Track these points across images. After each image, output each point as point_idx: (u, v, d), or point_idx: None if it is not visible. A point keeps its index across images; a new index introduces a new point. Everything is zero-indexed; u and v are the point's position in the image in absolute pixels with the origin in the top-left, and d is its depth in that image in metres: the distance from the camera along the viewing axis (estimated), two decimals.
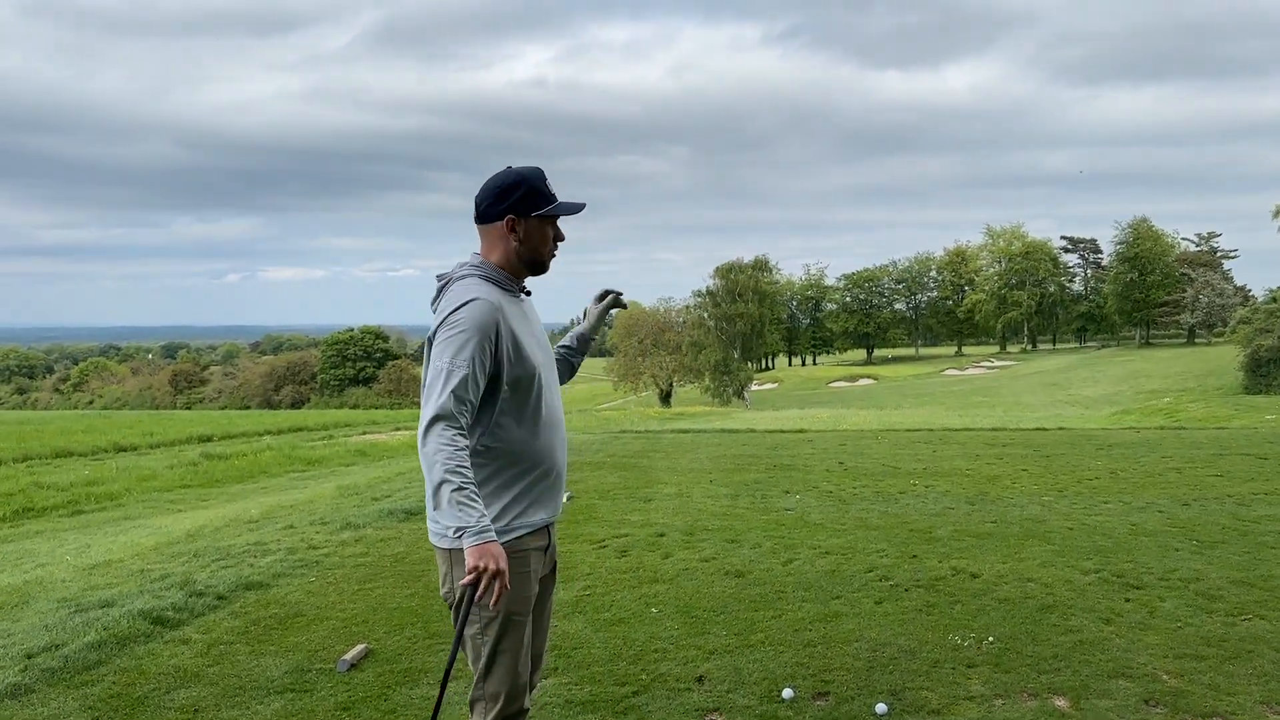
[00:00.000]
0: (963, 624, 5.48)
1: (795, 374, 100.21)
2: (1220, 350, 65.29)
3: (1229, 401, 33.05)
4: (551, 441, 2.94)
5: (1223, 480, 10.39)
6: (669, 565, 6.89)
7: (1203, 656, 4.87)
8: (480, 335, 2.70)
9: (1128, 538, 7.60)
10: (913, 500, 9.47)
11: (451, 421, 2.62)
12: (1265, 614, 5.55)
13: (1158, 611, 5.65)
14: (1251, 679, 4.57)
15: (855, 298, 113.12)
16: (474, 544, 2.53)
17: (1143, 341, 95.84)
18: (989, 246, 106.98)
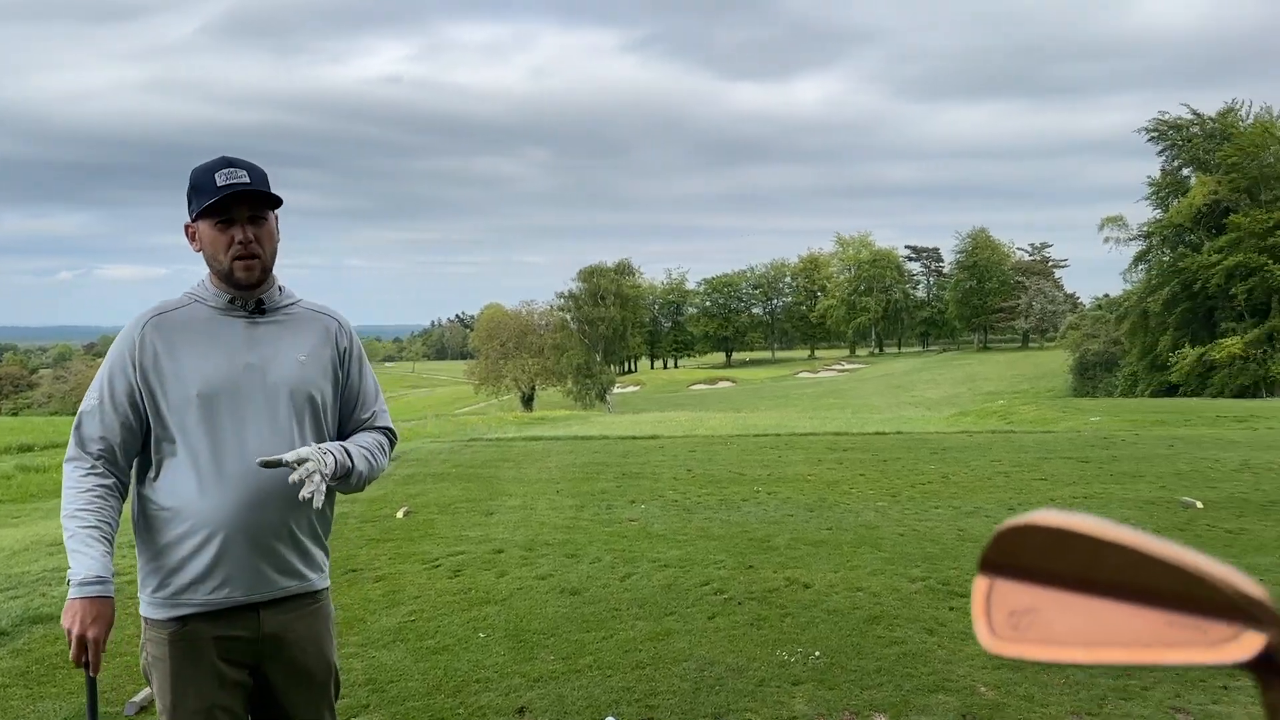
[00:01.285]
0: (792, 638, 5.47)
1: (657, 376, 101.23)
2: (1051, 354, 69.06)
3: (1058, 404, 34.92)
4: (229, 499, 2.30)
5: (1047, 484, 10.85)
6: (503, 584, 6.68)
7: (1019, 667, 4.97)
8: (112, 363, 2.36)
9: (955, 544, 7.80)
10: (755, 508, 9.53)
11: (80, 461, 2.32)
12: None
13: None
14: (1064, 689, 4.68)
15: (715, 302, 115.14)
16: (70, 598, 2.19)
17: (981, 346, 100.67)
18: (840, 254, 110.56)
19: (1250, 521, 8.59)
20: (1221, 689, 4.57)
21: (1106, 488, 10.61)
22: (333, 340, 2.53)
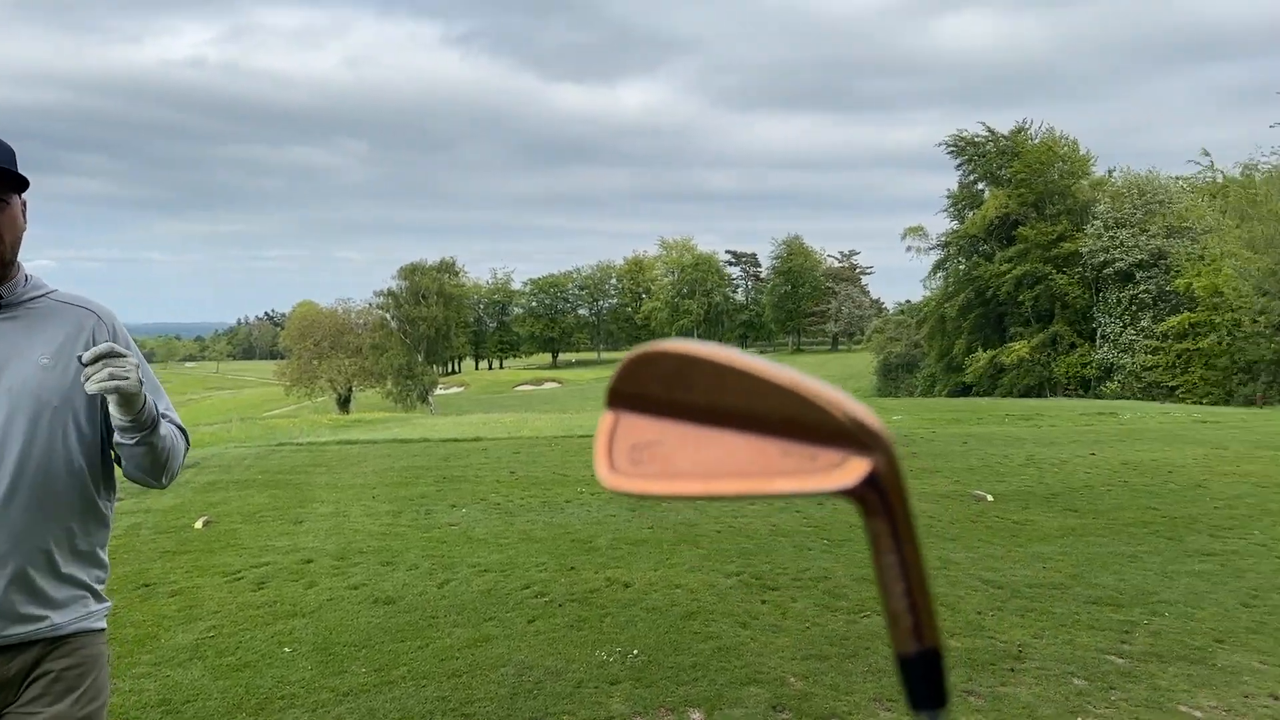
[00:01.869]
0: (611, 638, 5.49)
1: (482, 377, 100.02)
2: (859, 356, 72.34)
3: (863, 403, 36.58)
4: None
5: None
6: (312, 596, 6.42)
7: (826, 656, 5.16)
8: None
9: (768, 539, 8.03)
10: (578, 509, 9.53)
11: None
12: (880, 610, 5.98)
13: (790, 612, 5.96)
14: (866, 675, 4.88)
15: (541, 303, 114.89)
16: None
17: (795, 348, 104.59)
18: (663, 257, 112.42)
19: (1035, 512, 9.22)
20: (1009, 671, 4.87)
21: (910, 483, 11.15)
22: (88, 337, 2.19)
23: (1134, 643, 5.28)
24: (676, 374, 0.65)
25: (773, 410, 0.62)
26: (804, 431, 0.62)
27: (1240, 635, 5.39)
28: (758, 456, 0.63)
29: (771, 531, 8.31)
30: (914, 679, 0.62)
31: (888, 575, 0.62)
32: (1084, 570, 6.86)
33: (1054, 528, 8.48)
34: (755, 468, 0.63)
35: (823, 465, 0.62)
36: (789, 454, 0.63)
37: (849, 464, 0.62)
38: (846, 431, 0.61)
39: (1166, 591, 6.28)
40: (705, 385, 0.64)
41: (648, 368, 0.66)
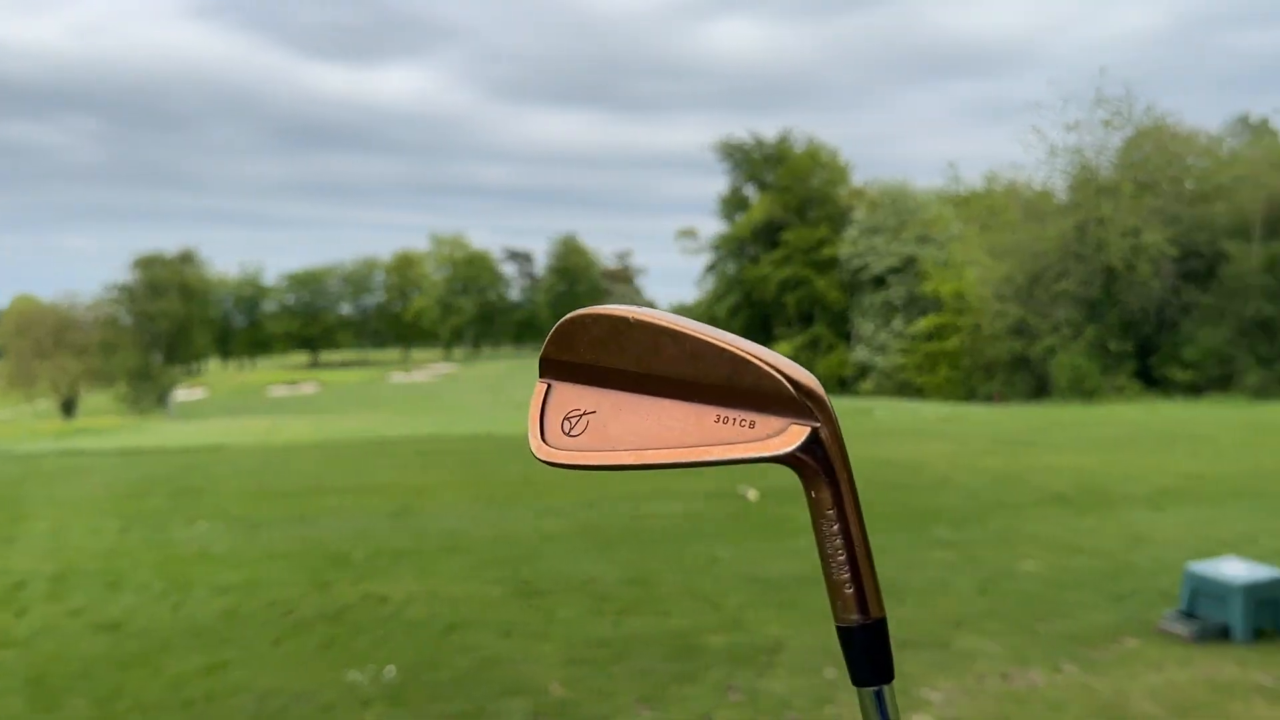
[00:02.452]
0: (365, 656, 5.19)
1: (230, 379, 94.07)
2: None
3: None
4: None
5: (623, 480, 11.36)
6: (23, 624, 5.74)
7: (591, 661, 5.07)
8: None
9: (537, 544, 7.90)
10: (333, 520, 9.06)
11: None
12: (645, 611, 5.99)
13: (556, 618, 5.84)
14: (631, 678, 4.82)
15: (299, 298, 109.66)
16: None
17: None
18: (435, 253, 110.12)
19: (794, 508, 9.54)
20: (767, 664, 4.94)
21: (678, 481, 11.32)
22: None
23: None
24: (609, 338, 0.62)
25: (709, 375, 0.59)
26: (742, 397, 0.59)
27: (976, 620, 5.71)
28: (694, 424, 0.61)
29: (541, 537, 8.19)
30: (857, 652, 0.60)
31: (829, 544, 0.60)
32: None
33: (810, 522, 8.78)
34: (692, 436, 0.60)
35: (761, 432, 0.59)
36: (726, 420, 0.60)
37: (790, 430, 0.59)
38: (787, 397, 0.58)
39: (912, 581, 6.60)
40: (639, 350, 0.61)
41: (580, 333, 0.63)
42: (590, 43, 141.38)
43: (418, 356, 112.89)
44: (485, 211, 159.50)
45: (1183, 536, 7.75)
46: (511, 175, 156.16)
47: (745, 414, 0.60)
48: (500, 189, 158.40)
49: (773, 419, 0.59)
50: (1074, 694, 4.49)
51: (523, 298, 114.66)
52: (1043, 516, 8.85)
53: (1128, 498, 9.64)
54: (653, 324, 0.60)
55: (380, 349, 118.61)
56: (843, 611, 0.60)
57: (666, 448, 0.61)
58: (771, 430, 0.59)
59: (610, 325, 0.62)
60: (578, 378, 0.64)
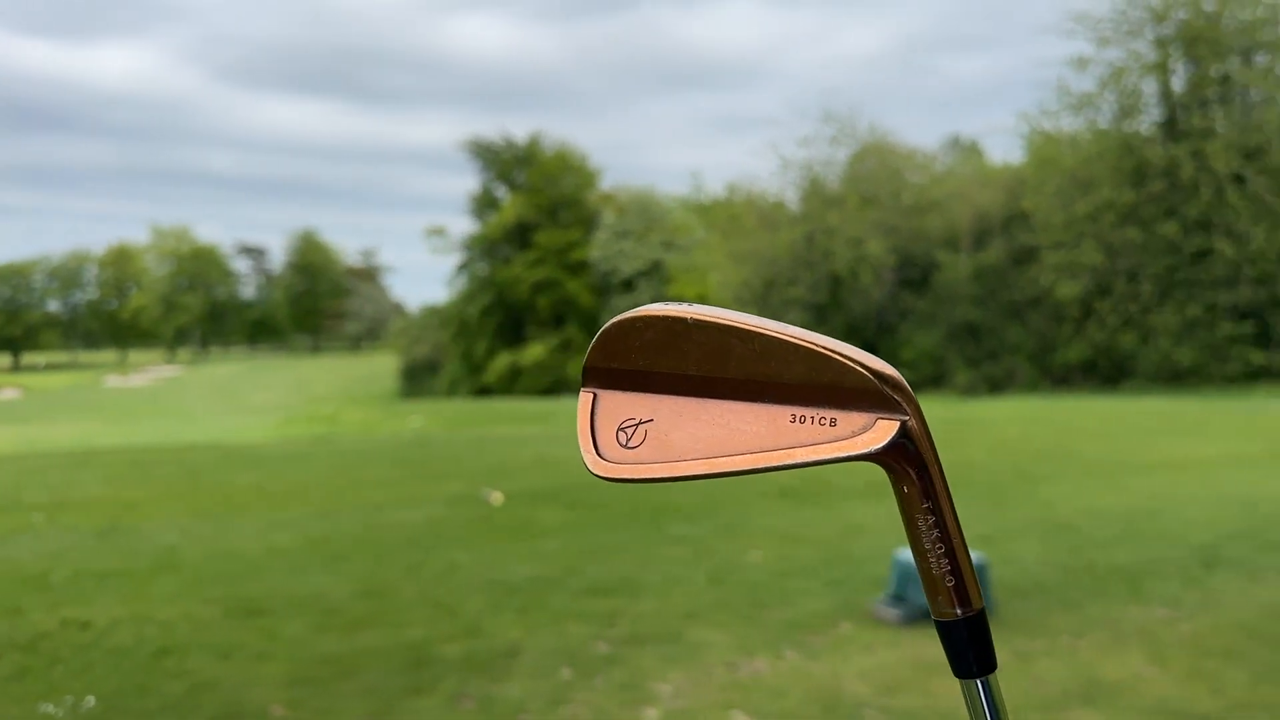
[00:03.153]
0: (62, 687, 4.71)
1: None
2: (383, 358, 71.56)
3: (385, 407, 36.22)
4: None
5: (362, 488, 10.99)
6: None
7: (317, 679, 4.83)
8: None
9: (262, 559, 7.47)
10: (29, 540, 8.20)
11: None
12: (379, 624, 5.78)
13: (280, 636, 5.53)
14: (359, 694, 4.63)
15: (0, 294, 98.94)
16: None
17: (314, 349, 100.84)
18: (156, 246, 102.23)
19: (539, 510, 9.56)
20: (503, 669, 4.89)
21: (420, 487, 11.06)
22: None
23: (618, 628, 5.57)
24: (666, 342, 0.56)
25: (783, 374, 0.55)
26: (821, 395, 0.55)
27: (707, 612, 5.91)
28: (768, 427, 0.56)
29: (267, 551, 7.74)
30: (961, 645, 0.58)
31: (927, 540, 0.57)
32: (579, 562, 7.17)
33: (555, 523, 8.82)
34: (767, 440, 0.56)
35: (845, 430, 0.56)
36: (804, 419, 0.56)
37: (878, 425, 0.55)
38: (873, 391, 0.55)
39: (647, 576, 6.75)
40: (701, 353, 0.56)
41: (629, 337, 0.57)
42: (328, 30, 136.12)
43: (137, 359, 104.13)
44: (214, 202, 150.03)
45: (895, 525, 8.34)
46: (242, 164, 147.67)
47: (825, 412, 0.56)
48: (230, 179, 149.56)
49: (856, 415, 0.56)
50: (794, 679, 4.72)
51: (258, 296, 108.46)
52: (770, 509, 9.30)
53: (846, 490, 10.30)
54: (716, 324, 0.56)
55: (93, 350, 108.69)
56: (945, 606, 0.58)
57: (741, 454, 0.57)
58: (857, 427, 0.56)
59: (666, 328, 0.56)
60: (627, 384, 0.59)
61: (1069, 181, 30.70)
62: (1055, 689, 4.51)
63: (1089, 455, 12.48)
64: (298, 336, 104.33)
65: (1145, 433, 15.44)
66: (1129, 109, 31.10)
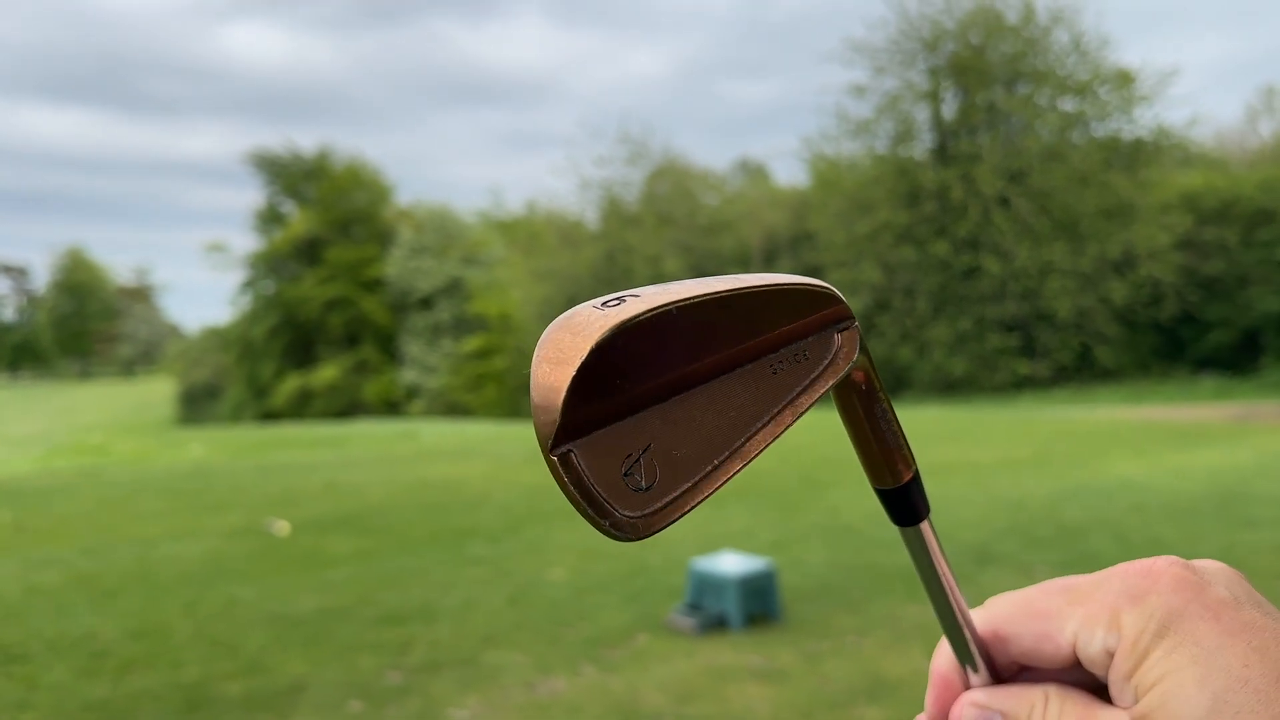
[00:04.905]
0: None
1: None
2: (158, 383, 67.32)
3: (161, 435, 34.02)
4: None
5: (134, 522, 10.25)
6: None
7: None
8: None
9: (20, 600, 6.85)
10: None
11: None
12: (153, 664, 5.39)
13: (41, 684, 5.08)
14: None
15: None
16: None
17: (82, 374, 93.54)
18: None
19: (329, 538, 9.18)
20: (288, 706, 4.65)
21: (198, 519, 10.43)
22: None
23: (412, 656, 5.41)
24: (654, 349, 0.45)
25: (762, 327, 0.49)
26: (784, 336, 0.50)
27: (506, 633, 5.83)
28: (756, 390, 0.50)
29: (26, 591, 7.10)
30: (913, 498, 0.58)
31: (881, 423, 0.55)
32: (371, 591, 6.94)
33: (346, 551, 8.51)
34: (762, 404, 0.50)
35: (817, 358, 0.51)
36: (781, 364, 0.51)
37: (843, 339, 0.52)
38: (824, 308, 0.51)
39: (445, 601, 6.60)
40: (685, 342, 0.46)
41: (615, 359, 0.43)
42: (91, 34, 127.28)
43: None
44: None
45: (690, 535, 8.53)
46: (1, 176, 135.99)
47: (792, 349, 0.52)
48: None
49: (819, 339, 0.52)
50: (592, 695, 4.72)
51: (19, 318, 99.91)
52: (571, 526, 9.30)
53: None
54: (704, 299, 0.47)
55: None
56: (902, 470, 0.57)
57: (752, 430, 0.49)
58: (824, 351, 0.52)
59: (651, 333, 0.45)
60: (602, 422, 0.45)
61: (849, 203, 32.47)
62: (842, 687, 4.70)
63: None
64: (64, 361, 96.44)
65: (922, 439, 16.46)
66: (904, 135, 33.21)
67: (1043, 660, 0.50)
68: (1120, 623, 0.46)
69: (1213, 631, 0.43)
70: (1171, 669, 0.43)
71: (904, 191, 31.63)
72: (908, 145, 33.24)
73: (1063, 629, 0.48)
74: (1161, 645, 0.44)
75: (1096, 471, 11.54)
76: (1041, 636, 0.50)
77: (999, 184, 30.17)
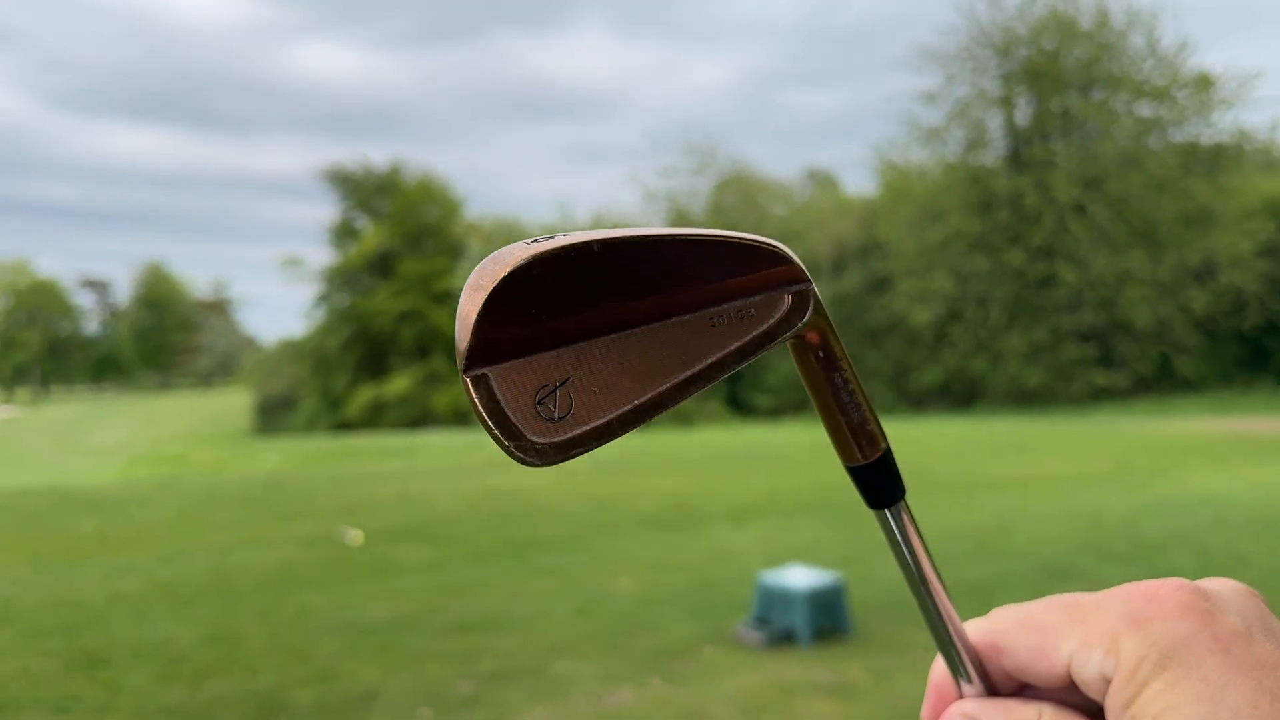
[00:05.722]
0: None
1: None
2: (235, 394, 69.00)
3: (237, 446, 34.85)
4: None
5: (210, 531, 10.51)
6: None
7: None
8: None
9: (103, 607, 7.05)
10: None
11: None
12: (228, 671, 5.51)
13: (122, 688, 5.22)
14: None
15: None
16: None
17: (162, 386, 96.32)
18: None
19: (399, 547, 9.31)
20: (359, 714, 4.72)
21: (273, 528, 10.65)
22: None
23: (481, 665, 5.45)
24: (568, 285, 0.47)
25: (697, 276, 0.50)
26: (731, 289, 0.51)
27: (574, 644, 5.85)
28: (691, 340, 0.51)
29: (109, 599, 7.32)
30: (882, 478, 0.57)
31: (842, 395, 0.55)
32: (441, 600, 7.01)
33: (416, 560, 8.61)
34: (694, 352, 0.51)
35: (765, 315, 0.52)
36: (722, 319, 0.51)
37: (792, 299, 0.52)
38: (779, 268, 0.52)
39: (514, 611, 6.64)
40: (610, 282, 0.48)
41: (525, 291, 0.46)
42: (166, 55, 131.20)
43: None
44: (54, 234, 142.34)
45: (759, 548, 8.48)
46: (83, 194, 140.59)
47: (739, 304, 0.52)
48: (71, 209, 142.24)
49: (769, 297, 0.53)
50: (658, 707, 4.71)
51: (102, 331, 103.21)
52: (638, 537, 9.31)
53: (713, 515, 10.41)
54: (627, 240, 0.48)
55: None
56: (868, 449, 0.56)
57: (673, 379, 0.50)
58: (774, 309, 0.53)
59: (570, 266, 0.47)
60: (522, 350, 0.48)
61: (920, 211, 32.06)
62: (914, 704, 4.62)
63: (943, 475, 12.96)
64: (145, 373, 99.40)
65: (996, 452, 16.15)
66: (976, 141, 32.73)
67: (1038, 677, 0.47)
68: (1119, 648, 0.43)
69: (1220, 666, 0.40)
70: (1172, 705, 0.40)
71: (976, 199, 31.15)
72: (980, 152, 32.75)
73: (1059, 647, 0.45)
74: (1162, 677, 0.41)
75: (1176, 485, 11.21)
76: (1037, 652, 0.47)
77: (1074, 191, 29.55)
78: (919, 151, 34.02)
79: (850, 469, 0.58)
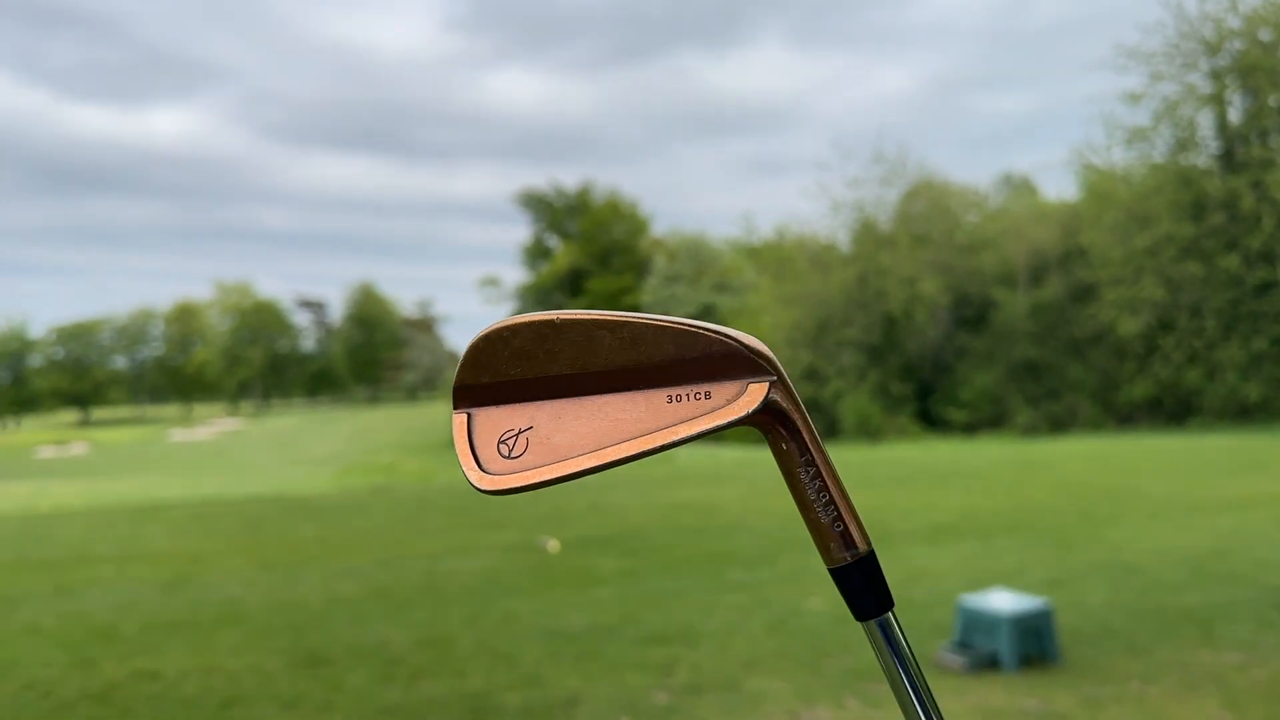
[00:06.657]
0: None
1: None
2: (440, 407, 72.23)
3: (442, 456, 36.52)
4: None
5: (420, 537, 11.09)
6: None
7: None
8: None
9: (324, 609, 7.55)
10: (100, 592, 8.38)
11: None
12: (440, 673, 5.81)
13: (343, 687, 5.58)
14: None
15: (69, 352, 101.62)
16: None
17: (371, 399, 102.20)
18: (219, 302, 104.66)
19: (594, 557, 9.55)
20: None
21: (477, 536, 11.13)
22: None
23: (677, 677, 5.54)
24: (534, 347, 0.58)
25: (654, 356, 0.58)
26: (691, 371, 0.58)
27: (768, 660, 5.85)
28: (647, 411, 0.58)
29: (329, 602, 7.83)
30: (858, 588, 0.60)
31: (810, 491, 0.60)
32: (636, 610, 7.15)
33: (611, 570, 8.81)
34: (648, 424, 0.58)
35: (720, 400, 0.58)
36: (680, 398, 0.58)
37: (750, 390, 0.58)
38: (741, 358, 0.58)
39: (706, 624, 6.70)
40: (572, 351, 0.58)
41: (498, 349, 0.58)
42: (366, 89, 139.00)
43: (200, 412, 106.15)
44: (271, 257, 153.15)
45: (957, 570, 8.23)
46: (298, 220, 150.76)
47: (698, 387, 0.59)
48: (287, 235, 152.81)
49: (728, 385, 0.58)
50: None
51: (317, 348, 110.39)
52: None
53: (907, 534, 10.17)
54: (584, 320, 0.58)
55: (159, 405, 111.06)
56: (837, 553, 0.61)
57: (625, 440, 0.59)
58: (730, 396, 0.58)
59: (534, 333, 0.58)
60: (500, 398, 0.60)
61: (1126, 216, 30.28)
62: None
63: (1155, 495, 12.19)
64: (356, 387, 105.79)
65: (1213, 471, 15.04)
66: (1185, 142, 30.65)
67: None
68: None
69: None
70: None
71: (1187, 202, 29.16)
72: (1190, 153, 30.63)
73: None
74: None
75: None
76: None
77: None
78: (1123, 153, 32.16)
79: (830, 571, 0.61)
